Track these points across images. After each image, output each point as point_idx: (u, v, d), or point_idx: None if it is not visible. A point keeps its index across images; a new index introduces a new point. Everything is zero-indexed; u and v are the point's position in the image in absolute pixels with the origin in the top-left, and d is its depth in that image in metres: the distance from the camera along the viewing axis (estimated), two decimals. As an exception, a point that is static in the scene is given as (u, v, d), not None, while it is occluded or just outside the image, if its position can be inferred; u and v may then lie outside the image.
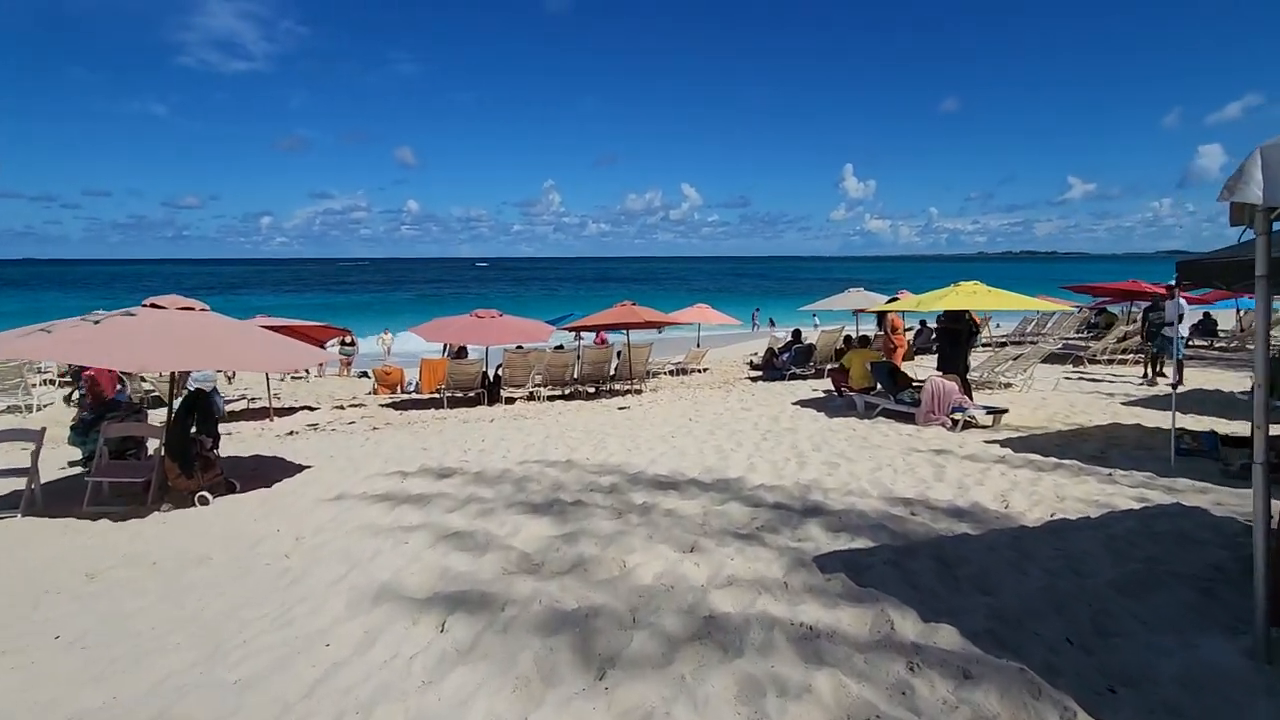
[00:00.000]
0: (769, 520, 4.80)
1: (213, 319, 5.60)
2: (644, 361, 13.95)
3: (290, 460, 7.74)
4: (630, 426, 9.06)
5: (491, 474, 6.46)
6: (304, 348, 6.10)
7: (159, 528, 5.19)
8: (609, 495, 5.55)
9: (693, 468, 6.48)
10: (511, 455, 7.43)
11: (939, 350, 10.27)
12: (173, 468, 5.66)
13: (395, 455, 7.75)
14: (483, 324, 12.36)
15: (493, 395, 12.72)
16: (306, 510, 5.47)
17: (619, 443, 7.85)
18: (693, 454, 7.13)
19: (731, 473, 6.27)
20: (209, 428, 5.87)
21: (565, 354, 13.11)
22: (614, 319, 12.83)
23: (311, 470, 7.17)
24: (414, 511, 5.25)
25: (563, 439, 8.26)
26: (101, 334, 4.89)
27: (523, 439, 8.41)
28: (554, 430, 8.95)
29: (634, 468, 6.51)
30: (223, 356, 5.06)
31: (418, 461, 7.26)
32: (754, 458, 6.88)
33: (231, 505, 5.81)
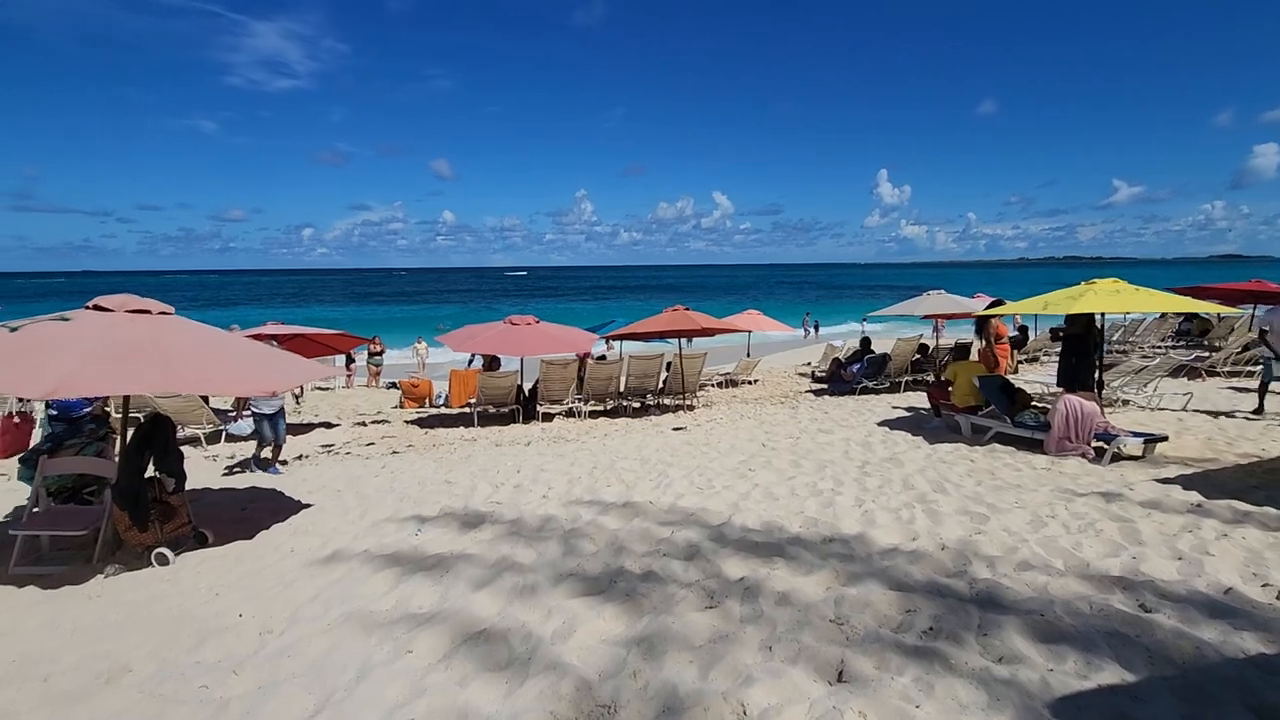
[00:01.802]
0: (934, 615, 3.25)
1: (170, 326, 4.29)
2: (697, 373, 12.45)
3: (289, 496, 6.44)
4: (693, 454, 7.55)
5: (530, 523, 5.04)
6: (291, 364, 4.77)
7: (87, 605, 3.86)
8: (690, 563, 4.06)
9: (791, 518, 4.96)
10: (554, 493, 6.00)
11: (1061, 362, 8.55)
12: (122, 517, 4.36)
13: (414, 491, 6.39)
14: (517, 332, 11.02)
15: (528, 411, 11.36)
16: (286, 581, 4.09)
17: (685, 477, 6.36)
18: (784, 496, 5.60)
19: (845, 527, 4.72)
20: (169, 464, 4.57)
21: (609, 365, 11.70)
22: (664, 325, 11.39)
23: (310, 512, 5.85)
24: (427, 588, 3.83)
25: (614, 470, 6.80)
26: (9, 346, 3.62)
27: (566, 469, 6.98)
28: (602, 458, 7.51)
29: (713, 516, 5.01)
30: (172, 374, 3.75)
31: (439, 501, 5.88)
32: (866, 503, 5.32)
33: (195, 567, 4.48)
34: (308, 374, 5.00)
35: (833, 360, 13.95)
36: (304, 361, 5.03)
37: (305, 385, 15.06)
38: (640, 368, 11.81)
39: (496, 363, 12.01)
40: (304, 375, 4.88)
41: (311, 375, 5.15)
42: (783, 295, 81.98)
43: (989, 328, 9.13)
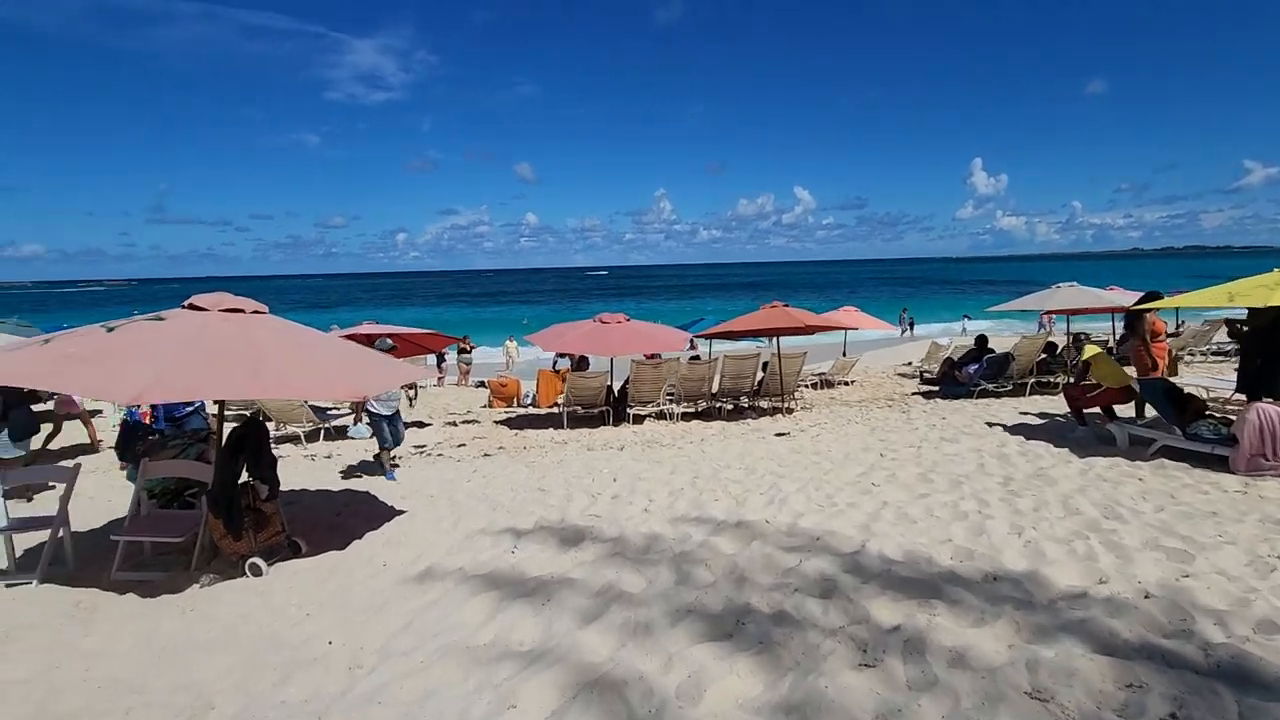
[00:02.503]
0: (1172, 696, 2.50)
1: (262, 326, 4.08)
2: (796, 374, 11.68)
3: (382, 501, 6.25)
4: (803, 464, 6.87)
5: (635, 541, 4.55)
6: (383, 366, 4.49)
7: (179, 621, 3.68)
8: (829, 602, 3.43)
9: (937, 547, 4.23)
10: (656, 506, 5.50)
11: (1244, 364, 7.29)
12: (217, 525, 4.20)
13: (507, 499, 6.05)
14: (607, 331, 10.63)
15: (618, 413, 10.95)
16: (378, 602, 3.78)
17: (800, 491, 5.70)
18: (921, 518, 4.85)
19: (1009, 561, 3.95)
20: (262, 470, 4.37)
21: (701, 365, 11.12)
22: (762, 323, 10.70)
23: (403, 520, 5.60)
24: (528, 618, 3.40)
25: (719, 481, 6.23)
26: (103, 346, 3.47)
27: (665, 478, 6.47)
28: (703, 466, 6.95)
29: (843, 541, 4.35)
30: (259, 378, 3.51)
31: (534, 512, 5.50)
32: (1025, 530, 4.50)
33: (287, 580, 4.26)
34: (400, 376, 4.72)
35: (944, 360, 12.79)
36: (396, 363, 4.76)
37: (416, 385, 15.17)
38: (735, 368, 11.16)
39: (585, 362, 11.69)
40: (396, 378, 4.60)
41: (404, 377, 4.87)
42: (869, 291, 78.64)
43: (1143, 323, 7.90)
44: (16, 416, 6.47)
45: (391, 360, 4.76)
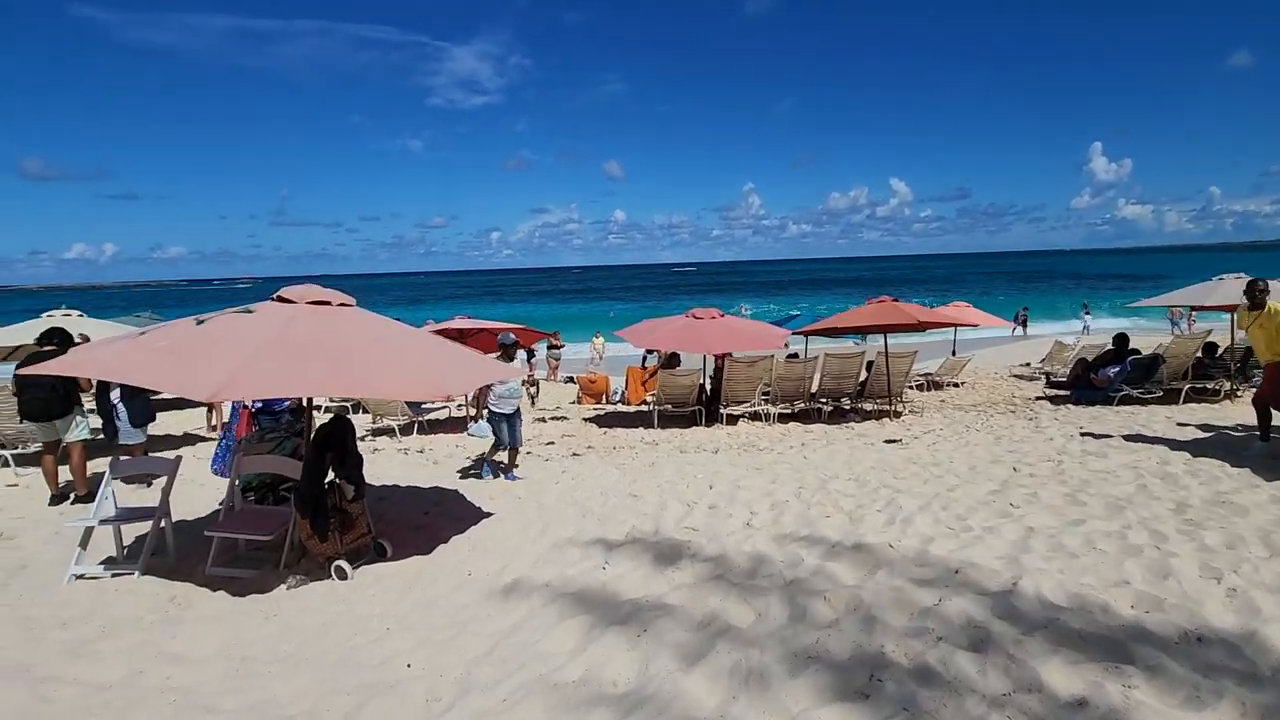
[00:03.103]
0: None
1: (349, 319, 3.90)
2: (905, 374, 10.77)
3: (470, 501, 6.06)
4: (922, 476, 6.13)
5: (738, 563, 4.06)
6: (472, 364, 4.23)
7: (262, 628, 3.53)
8: (984, 658, 2.82)
9: (1111, 591, 3.48)
10: (759, 520, 4.98)
11: None
12: (304, 525, 4.06)
13: (597, 505, 5.71)
14: (700, 326, 10.14)
15: (710, 413, 10.45)
16: (461, 620, 3.49)
17: (924, 510, 5.01)
18: (1081, 551, 4.07)
19: (1214, 617, 3.17)
20: (348, 470, 4.21)
21: (799, 364, 10.43)
22: (869, 319, 9.89)
23: (490, 523, 5.36)
24: (622, 652, 2.99)
25: (827, 494, 5.62)
26: (189, 341, 3.36)
27: (767, 488, 5.93)
28: (807, 475, 6.34)
29: (987, 576, 3.67)
30: (340, 374, 3.30)
31: (626, 521, 5.11)
32: (1224, 575, 3.65)
33: (370, 586, 4.07)
34: (489, 373, 4.45)
35: (1078, 361, 11.44)
36: (486, 360, 4.50)
37: (538, 382, 15.18)
38: (837, 367, 10.40)
39: (677, 359, 11.26)
40: (486, 375, 4.34)
41: (494, 375, 4.60)
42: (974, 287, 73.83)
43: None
44: (135, 404, 6.76)
45: (480, 357, 4.50)
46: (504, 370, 4.80)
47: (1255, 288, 6.64)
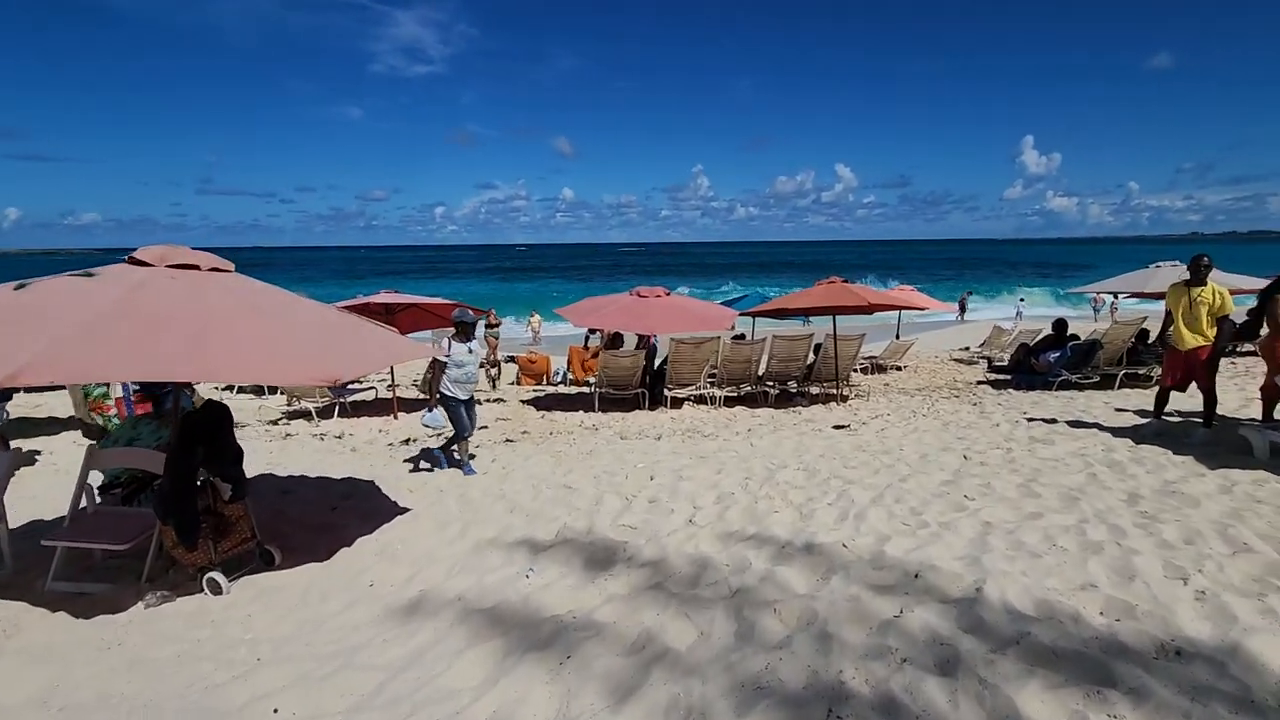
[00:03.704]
0: None
1: (223, 287, 3.22)
2: (852, 357, 10.58)
3: (385, 494, 5.45)
4: (873, 465, 5.85)
5: (679, 568, 3.64)
6: (376, 344, 3.60)
7: (97, 663, 2.88)
8: (953, 682, 2.47)
9: (1081, 597, 3.20)
10: (704, 517, 4.57)
11: None
12: (169, 532, 3.40)
13: (526, 499, 5.20)
14: (645, 305, 9.66)
15: (654, 395, 10.03)
16: (351, 646, 2.94)
17: (879, 505, 4.70)
18: (1043, 550, 3.81)
19: (1189, 625, 2.92)
20: (224, 467, 3.56)
21: (746, 346, 10.10)
22: (818, 301, 9.60)
23: (405, 521, 4.78)
24: (540, 686, 2.52)
25: (776, 486, 5.26)
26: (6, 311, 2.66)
27: (712, 479, 5.53)
28: (755, 465, 5.98)
29: (949, 580, 3.35)
30: (199, 356, 2.66)
31: (557, 518, 4.62)
32: (1190, 575, 3.43)
33: (249, 603, 3.46)
34: (395, 354, 3.84)
35: (1019, 346, 11.51)
36: (395, 340, 3.89)
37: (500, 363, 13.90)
38: (785, 349, 10.11)
39: (620, 340, 10.77)
40: (389, 357, 3.74)
41: (402, 356, 4.00)
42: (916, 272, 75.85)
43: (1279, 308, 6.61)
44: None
45: (391, 337, 3.90)
46: (415, 350, 4.19)
47: (1201, 261, 6.54)
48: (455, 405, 6.11)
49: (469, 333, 6.18)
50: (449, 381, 6.06)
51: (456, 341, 6.09)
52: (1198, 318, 6.35)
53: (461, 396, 6.16)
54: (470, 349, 6.16)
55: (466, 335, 6.16)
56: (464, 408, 6.18)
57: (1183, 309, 6.45)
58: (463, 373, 6.11)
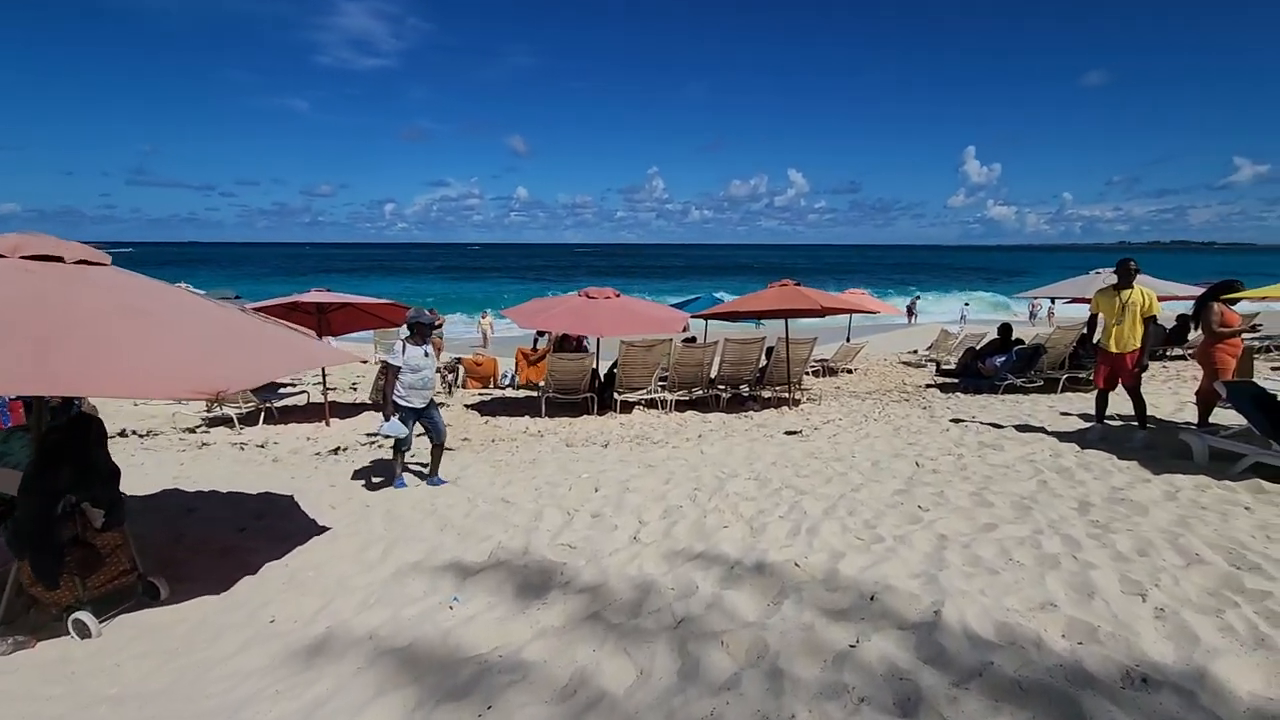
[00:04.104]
0: None
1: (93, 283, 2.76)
2: (804, 361, 10.49)
3: (304, 511, 4.99)
4: (825, 474, 5.67)
5: (620, 593, 3.34)
6: (286, 351, 3.18)
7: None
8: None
9: (1041, 618, 3.04)
10: (649, 533, 4.28)
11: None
12: (25, 568, 2.92)
13: (459, 514, 4.82)
14: (594, 307, 9.34)
15: (603, 400, 9.72)
16: (237, 697, 2.53)
17: (832, 517, 4.50)
18: (1000, 565, 3.66)
19: (1153, 648, 2.78)
20: (94, 491, 3.09)
21: (699, 349, 9.89)
22: (771, 303, 9.46)
23: (321, 542, 4.35)
24: (451, 749, 2.18)
25: (726, 497, 5.01)
26: None
27: (659, 490, 5.26)
28: (704, 474, 5.73)
29: (906, 603, 3.15)
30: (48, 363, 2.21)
31: (492, 536, 4.27)
32: (1148, 591, 3.32)
33: (119, 650, 3.00)
34: (305, 360, 3.43)
35: (966, 350, 11.64)
36: (304, 345, 3.46)
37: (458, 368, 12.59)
38: (737, 353, 9.94)
39: (569, 342, 10.42)
40: (296, 363, 3.32)
41: (315, 361, 3.59)
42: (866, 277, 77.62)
43: (1214, 315, 6.75)
44: None
45: (304, 342, 3.47)
46: (332, 355, 3.76)
47: (1129, 265, 6.60)
48: (408, 415, 5.63)
49: (425, 335, 5.69)
50: (404, 388, 5.56)
51: (411, 344, 5.60)
52: (1127, 320, 6.41)
53: (417, 404, 5.66)
54: (426, 352, 5.68)
55: (422, 338, 5.67)
56: (416, 417, 5.69)
57: (1113, 312, 6.51)
58: (418, 378, 5.61)
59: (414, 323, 5.68)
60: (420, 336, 5.65)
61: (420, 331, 5.65)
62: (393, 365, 5.52)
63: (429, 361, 5.70)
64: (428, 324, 5.71)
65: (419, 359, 5.61)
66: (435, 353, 17.18)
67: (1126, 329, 6.46)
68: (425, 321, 5.70)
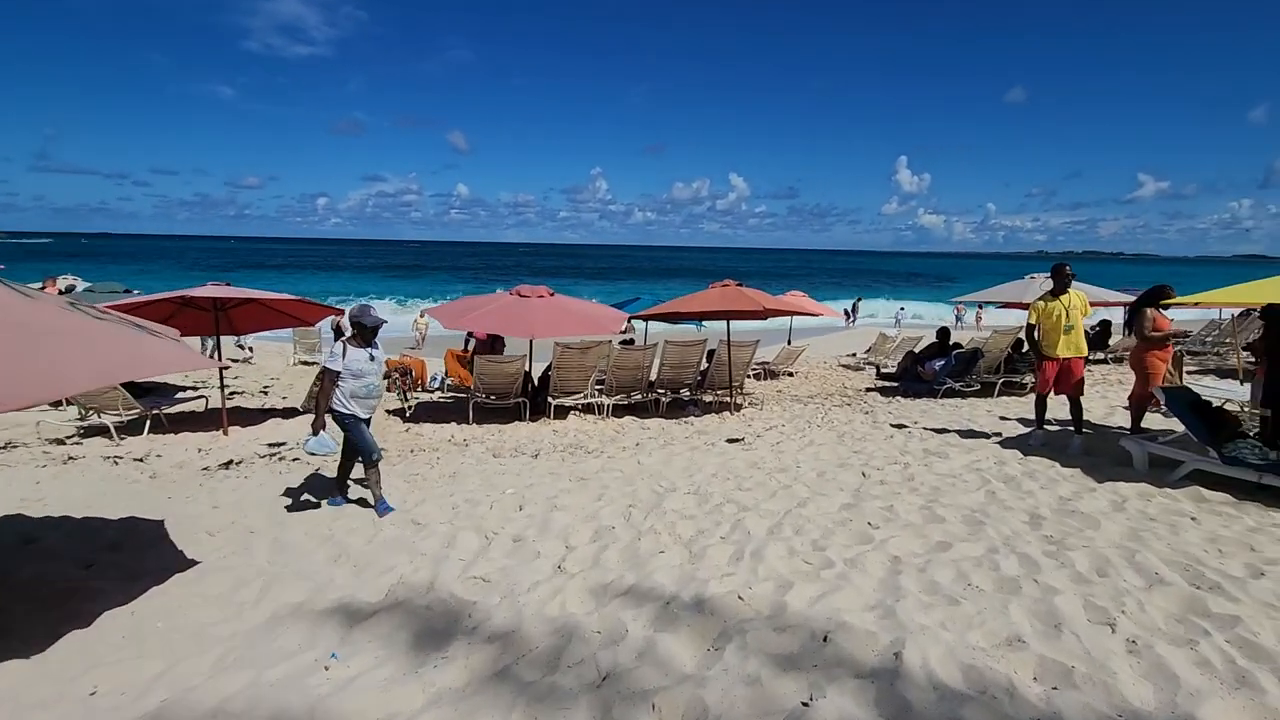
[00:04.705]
0: None
1: None
2: (746, 364, 10.19)
3: (173, 540, 4.26)
4: (769, 487, 5.31)
5: (537, 639, 2.84)
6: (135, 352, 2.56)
7: None
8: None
9: (1010, 658, 2.71)
10: (575, 560, 3.79)
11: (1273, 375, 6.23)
12: None
13: (360, 540, 4.21)
14: (527, 306, 8.77)
15: (535, 405, 9.16)
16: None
17: (777, 537, 4.11)
18: (959, 593, 3.34)
19: (1132, 691, 2.48)
20: None
21: (637, 351, 9.45)
22: (713, 304, 9.09)
23: (183, 581, 3.66)
24: None
25: (663, 517, 4.57)
26: None
27: (590, 508, 4.77)
28: (640, 489, 5.27)
29: (865, 645, 2.77)
30: None
31: (393, 568, 3.70)
32: (1116, 620, 3.04)
33: None
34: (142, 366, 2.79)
35: (907, 354, 11.62)
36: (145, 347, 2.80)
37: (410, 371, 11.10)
38: (678, 356, 9.54)
39: (500, 343, 9.81)
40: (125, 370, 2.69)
41: (161, 367, 2.94)
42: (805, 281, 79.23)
43: (1147, 320, 6.76)
44: None
45: (146, 345, 2.81)
46: (184, 360, 3.10)
47: (1065, 270, 6.55)
48: (353, 423, 4.83)
49: (369, 336, 4.89)
50: (345, 396, 4.75)
51: (354, 346, 4.81)
52: (1071, 325, 6.35)
53: (362, 414, 4.85)
54: (372, 355, 4.88)
55: (366, 339, 4.87)
56: (359, 428, 4.87)
57: (1054, 318, 6.43)
58: (362, 385, 4.82)
59: (356, 321, 4.87)
60: (363, 338, 4.87)
61: (363, 333, 4.87)
62: (331, 370, 4.73)
63: (374, 366, 4.90)
64: (371, 325, 4.90)
65: (362, 363, 4.81)
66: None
67: (1075, 334, 6.41)
68: (368, 322, 4.87)
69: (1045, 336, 6.51)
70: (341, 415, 4.81)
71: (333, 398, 4.78)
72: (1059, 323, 6.37)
